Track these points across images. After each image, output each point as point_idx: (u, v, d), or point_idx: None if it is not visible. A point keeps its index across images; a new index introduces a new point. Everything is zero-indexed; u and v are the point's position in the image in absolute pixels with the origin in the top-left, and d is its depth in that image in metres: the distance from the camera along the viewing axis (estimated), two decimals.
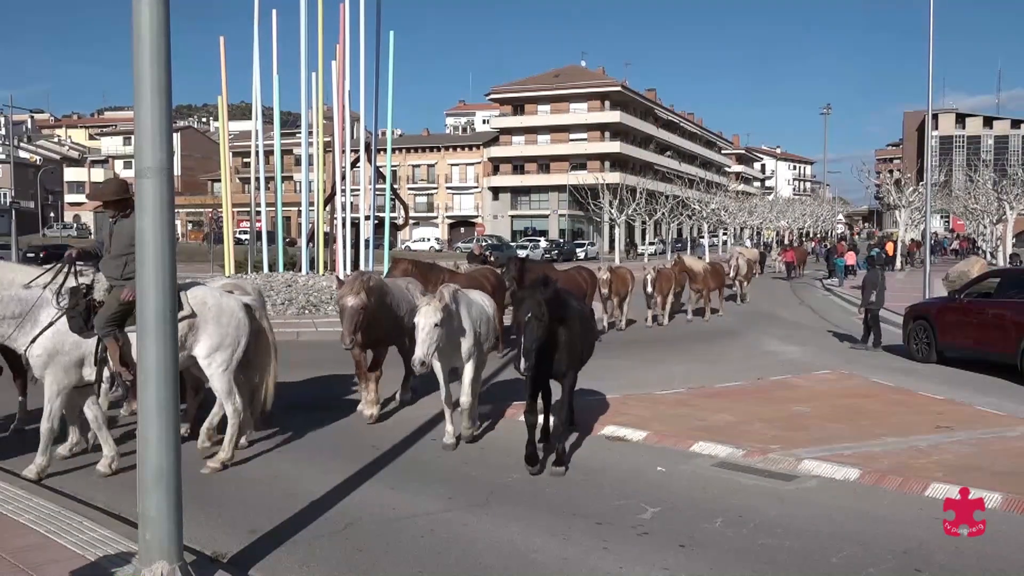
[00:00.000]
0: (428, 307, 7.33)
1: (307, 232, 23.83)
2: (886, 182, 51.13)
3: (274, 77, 22.75)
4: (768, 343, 16.88)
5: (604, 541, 5.68)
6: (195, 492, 6.30)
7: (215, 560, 5.14)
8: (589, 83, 77.26)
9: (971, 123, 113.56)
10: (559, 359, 7.36)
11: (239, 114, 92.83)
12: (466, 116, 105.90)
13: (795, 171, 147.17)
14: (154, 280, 4.37)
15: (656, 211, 59.58)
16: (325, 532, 5.80)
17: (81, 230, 78.49)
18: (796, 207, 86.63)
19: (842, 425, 9.04)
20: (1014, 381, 12.08)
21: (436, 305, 7.31)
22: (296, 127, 35.38)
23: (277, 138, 23.75)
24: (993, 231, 46.85)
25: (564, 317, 7.24)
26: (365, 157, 24.50)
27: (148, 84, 4.29)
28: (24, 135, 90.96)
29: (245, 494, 6.56)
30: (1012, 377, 12.23)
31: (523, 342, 6.62)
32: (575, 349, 7.51)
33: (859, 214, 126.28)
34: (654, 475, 7.30)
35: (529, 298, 6.79)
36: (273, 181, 24.33)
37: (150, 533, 4.38)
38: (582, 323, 7.86)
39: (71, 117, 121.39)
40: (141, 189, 4.38)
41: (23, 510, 5.81)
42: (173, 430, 4.45)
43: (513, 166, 79.21)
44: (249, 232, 26.47)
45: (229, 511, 6.18)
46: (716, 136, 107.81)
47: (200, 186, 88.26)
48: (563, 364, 7.42)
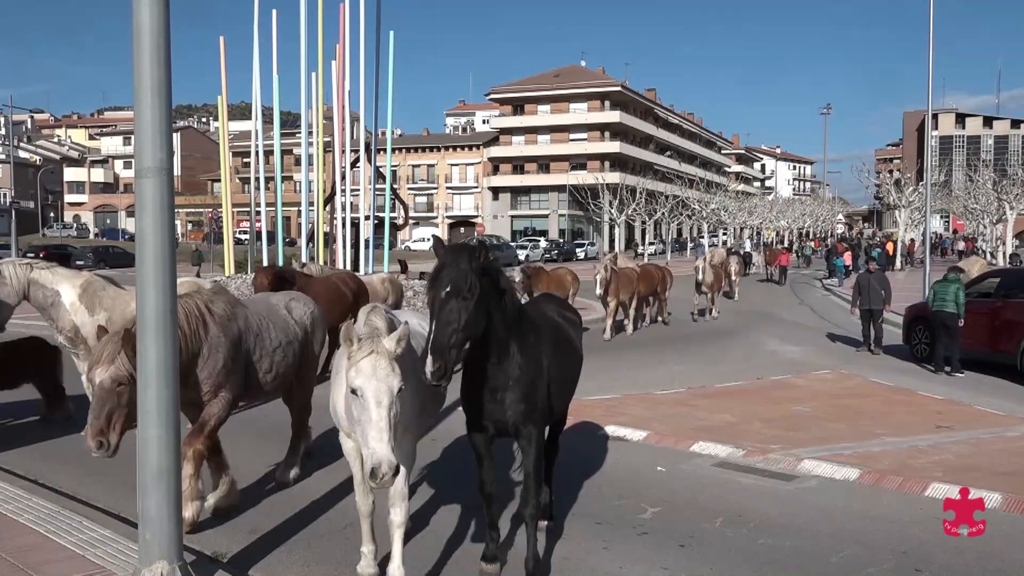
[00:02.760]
0: (372, 361, 4.06)
1: (307, 232, 23.83)
2: (886, 182, 51.07)
3: (274, 77, 22.74)
4: (768, 343, 16.87)
5: (604, 541, 5.68)
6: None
7: (215, 560, 5.14)
8: (589, 83, 77.23)
9: (971, 123, 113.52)
10: (511, 399, 4.66)
11: (239, 114, 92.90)
12: (466, 116, 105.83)
13: (795, 171, 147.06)
14: (154, 280, 4.37)
15: (656, 211, 59.58)
16: (325, 532, 5.80)
17: (81, 230, 78.45)
18: (796, 207, 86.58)
19: (842, 425, 9.05)
20: (1014, 381, 12.09)
21: (387, 355, 4.10)
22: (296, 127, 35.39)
23: (277, 138, 23.75)
24: (993, 231, 46.81)
25: (523, 325, 4.77)
26: (365, 157, 24.50)
27: (148, 84, 4.29)
28: (24, 135, 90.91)
29: (245, 494, 6.56)
30: (1012, 377, 12.23)
31: (430, 335, 4.19)
32: (537, 388, 4.75)
33: (859, 214, 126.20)
34: (654, 475, 7.30)
35: (451, 265, 4.30)
36: (273, 181, 24.33)
37: (150, 533, 4.38)
38: (557, 343, 5.15)
39: (71, 117, 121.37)
40: (141, 189, 4.38)
41: (23, 510, 5.80)
42: (173, 430, 4.45)
43: (513, 166, 79.17)
44: (249, 232, 26.48)
45: (229, 511, 6.16)
46: (716, 136, 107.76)
47: (200, 186, 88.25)
48: (518, 410, 4.67)
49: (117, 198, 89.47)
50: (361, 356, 4.04)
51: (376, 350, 4.06)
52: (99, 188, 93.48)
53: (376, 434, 3.90)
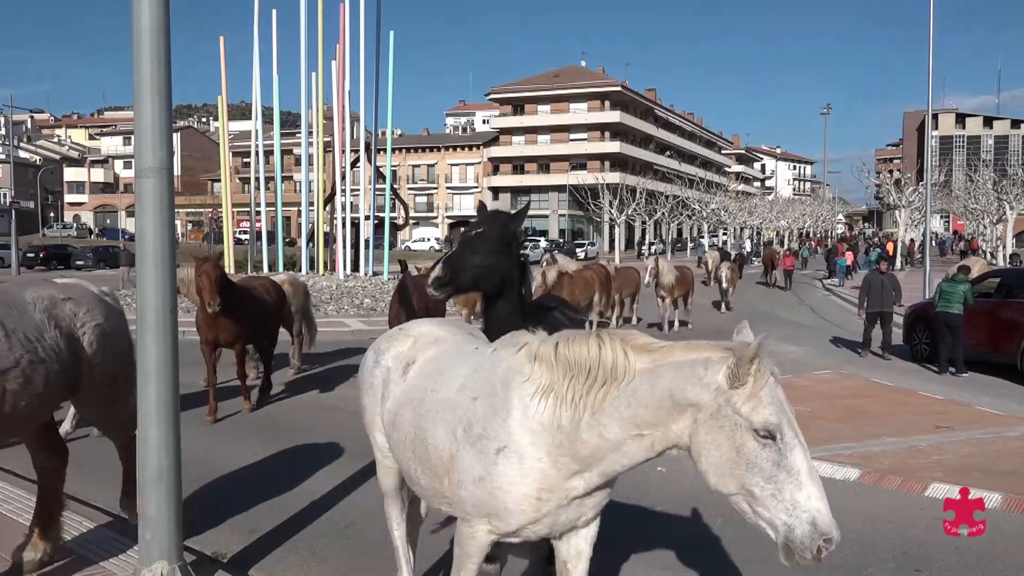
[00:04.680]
0: (776, 388, 2.97)
1: (307, 232, 23.84)
2: (886, 182, 51.11)
3: (274, 77, 22.79)
4: (768, 343, 16.82)
5: (605, 541, 5.67)
6: (195, 492, 6.31)
7: (215, 560, 5.14)
8: (589, 83, 77.25)
9: (971, 123, 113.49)
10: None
11: (239, 114, 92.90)
12: (466, 116, 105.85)
13: (795, 171, 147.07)
14: (154, 280, 4.37)
15: (656, 211, 59.59)
16: (325, 532, 5.80)
17: (81, 230, 78.45)
18: (796, 207, 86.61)
19: (842, 425, 9.04)
20: (1014, 381, 12.09)
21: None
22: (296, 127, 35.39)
23: (277, 138, 23.77)
24: (993, 231, 46.84)
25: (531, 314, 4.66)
26: (365, 157, 24.52)
27: (148, 84, 4.29)
28: (24, 135, 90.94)
29: (245, 494, 6.56)
30: (1012, 377, 12.23)
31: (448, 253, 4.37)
32: None
33: (859, 214, 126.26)
34: (654, 475, 7.29)
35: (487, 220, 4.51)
36: (273, 181, 24.35)
37: (150, 533, 4.38)
38: None
39: (71, 117, 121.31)
40: (141, 189, 4.38)
41: (23, 510, 5.80)
42: (173, 430, 4.45)
43: (513, 166, 79.18)
44: (249, 232, 26.52)
45: (229, 511, 6.17)
46: (716, 136, 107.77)
47: (200, 186, 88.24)
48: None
49: (117, 198, 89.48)
50: (763, 382, 2.88)
51: (773, 372, 2.99)
52: (99, 188, 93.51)
53: (817, 490, 2.84)
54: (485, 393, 3.21)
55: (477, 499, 3.15)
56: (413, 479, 3.63)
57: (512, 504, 3.09)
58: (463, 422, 3.22)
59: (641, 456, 3.01)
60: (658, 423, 2.91)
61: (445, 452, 3.29)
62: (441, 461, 3.32)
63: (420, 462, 3.47)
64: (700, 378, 2.86)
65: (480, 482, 3.12)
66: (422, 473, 3.48)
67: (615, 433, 2.96)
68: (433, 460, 3.37)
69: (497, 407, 3.13)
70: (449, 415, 3.31)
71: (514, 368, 3.17)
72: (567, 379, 3.03)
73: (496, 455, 3.09)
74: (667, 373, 2.92)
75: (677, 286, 17.92)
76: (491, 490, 3.10)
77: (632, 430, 2.95)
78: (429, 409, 3.43)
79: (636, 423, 2.93)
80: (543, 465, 3.06)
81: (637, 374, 2.96)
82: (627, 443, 2.98)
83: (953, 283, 13.12)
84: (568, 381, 3.03)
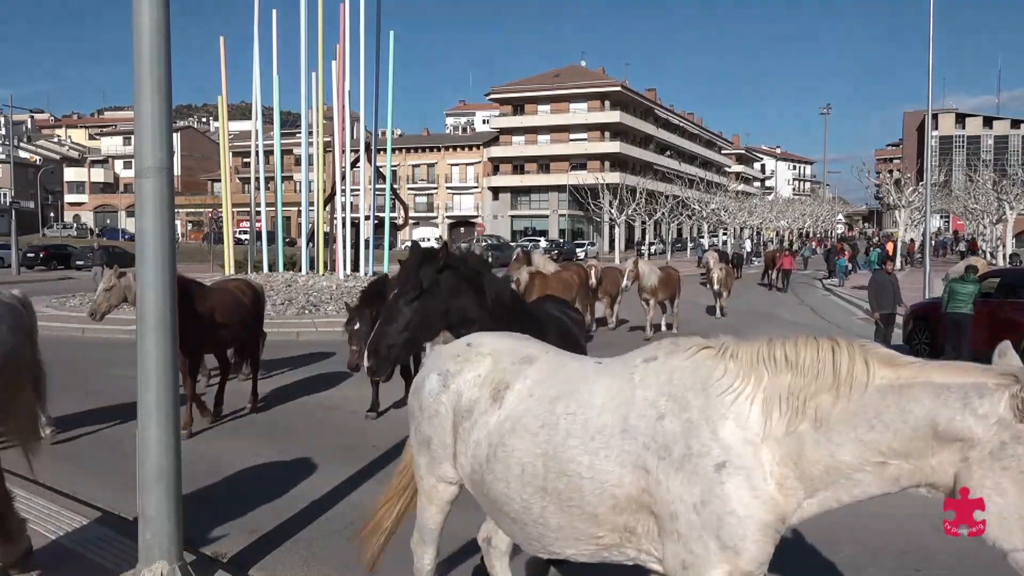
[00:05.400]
0: None
1: (307, 232, 23.84)
2: (886, 182, 51.11)
3: (274, 77, 22.79)
4: None
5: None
6: (195, 492, 6.30)
7: (215, 560, 5.14)
8: (589, 83, 77.28)
9: (971, 123, 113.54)
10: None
11: (239, 114, 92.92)
12: (466, 116, 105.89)
13: (795, 171, 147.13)
14: (154, 280, 4.37)
15: (656, 211, 59.60)
16: (325, 532, 5.80)
17: (81, 230, 78.49)
18: (796, 207, 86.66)
19: None
20: None
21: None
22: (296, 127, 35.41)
23: (277, 138, 23.78)
24: (993, 231, 46.86)
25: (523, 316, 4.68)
26: (365, 157, 24.52)
27: (148, 84, 4.29)
28: (24, 135, 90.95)
29: (245, 494, 6.56)
30: None
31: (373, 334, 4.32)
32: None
33: (859, 214, 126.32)
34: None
35: (401, 269, 4.47)
36: (273, 181, 24.36)
37: (150, 533, 4.38)
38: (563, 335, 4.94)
39: (71, 117, 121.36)
40: (141, 189, 4.38)
41: (23, 510, 5.79)
42: (173, 430, 4.45)
43: (513, 166, 79.22)
44: (249, 232, 26.53)
45: (229, 511, 6.17)
46: (716, 136, 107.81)
47: (200, 186, 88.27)
48: None
49: (117, 198, 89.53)
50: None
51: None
52: (99, 188, 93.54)
53: None
54: (672, 410, 2.74)
55: (707, 530, 2.63)
56: (525, 519, 3.08)
57: (751, 532, 2.65)
58: (652, 448, 2.73)
59: (876, 490, 2.64)
60: (909, 454, 2.52)
61: (628, 487, 2.78)
62: (615, 499, 2.81)
63: (555, 498, 2.93)
64: (974, 409, 2.40)
65: (704, 508, 2.62)
66: (555, 511, 2.95)
67: (849, 457, 2.57)
68: (588, 496, 2.85)
69: (696, 420, 2.68)
70: (620, 442, 2.80)
71: (702, 373, 2.75)
72: (785, 380, 2.63)
73: (716, 472, 2.62)
74: (925, 396, 2.48)
75: (661, 288, 17.28)
76: (721, 516, 2.61)
77: (874, 456, 2.54)
78: (573, 436, 2.91)
79: (880, 450, 2.53)
80: (771, 488, 2.64)
81: (877, 389, 2.54)
82: (864, 471, 2.59)
83: (963, 283, 13.13)
84: (786, 381, 2.63)
